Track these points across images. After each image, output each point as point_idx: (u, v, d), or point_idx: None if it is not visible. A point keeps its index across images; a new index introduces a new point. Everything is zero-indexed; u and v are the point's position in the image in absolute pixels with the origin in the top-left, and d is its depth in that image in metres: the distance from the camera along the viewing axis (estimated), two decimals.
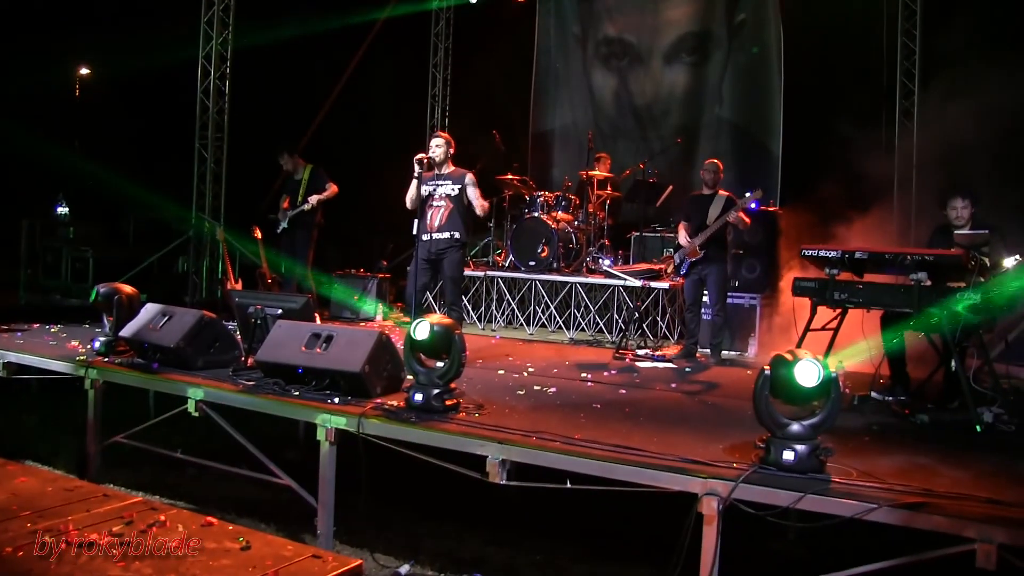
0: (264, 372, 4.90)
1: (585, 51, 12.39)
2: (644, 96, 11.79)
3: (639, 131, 11.75)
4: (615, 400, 5.15)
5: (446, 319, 4.46)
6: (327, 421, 4.23)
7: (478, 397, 4.81)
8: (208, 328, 5.34)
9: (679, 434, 4.17)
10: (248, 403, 4.59)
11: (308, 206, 8.32)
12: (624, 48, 11.98)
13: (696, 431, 4.29)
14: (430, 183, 6.43)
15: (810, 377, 3.38)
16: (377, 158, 11.10)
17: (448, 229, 6.38)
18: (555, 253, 9.17)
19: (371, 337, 4.64)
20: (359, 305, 9.64)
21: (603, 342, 8.43)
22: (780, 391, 3.48)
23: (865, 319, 5.31)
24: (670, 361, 7.06)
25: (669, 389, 5.73)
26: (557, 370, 6.32)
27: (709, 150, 10.55)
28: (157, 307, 5.54)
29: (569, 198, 9.80)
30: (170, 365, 5.18)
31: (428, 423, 4.11)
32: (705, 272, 7.18)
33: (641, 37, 11.84)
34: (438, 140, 6.52)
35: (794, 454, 3.40)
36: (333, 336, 4.71)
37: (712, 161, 7.43)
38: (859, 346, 5.26)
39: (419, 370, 4.39)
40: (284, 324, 5.01)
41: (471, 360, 6.45)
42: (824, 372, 3.38)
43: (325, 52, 11.47)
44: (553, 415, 4.51)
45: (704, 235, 7.07)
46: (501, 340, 8.35)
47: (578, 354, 7.47)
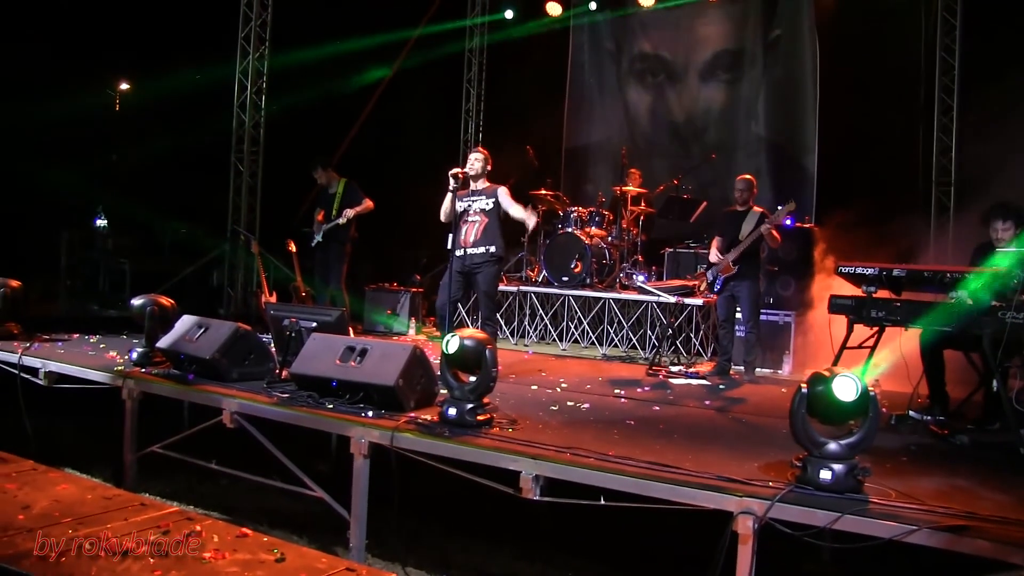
0: (298, 384, 4.95)
1: (619, 67, 12.41)
2: (680, 113, 11.80)
3: (674, 147, 11.74)
4: (649, 417, 5.16)
5: (478, 333, 4.49)
6: (361, 434, 4.25)
7: (511, 412, 4.82)
8: (243, 340, 5.41)
9: (713, 452, 4.16)
10: (282, 415, 4.63)
11: (343, 220, 8.35)
12: (659, 65, 11.99)
13: (731, 449, 4.27)
14: (464, 199, 6.46)
15: (848, 392, 3.35)
16: (411, 172, 11.17)
17: (484, 243, 6.36)
18: (588, 269, 9.16)
19: (405, 351, 4.68)
20: (389, 322, 9.71)
21: (636, 358, 8.41)
22: (817, 409, 3.46)
23: (903, 338, 5.25)
24: (704, 378, 7.05)
25: (703, 406, 5.72)
26: (590, 386, 6.34)
27: (744, 167, 10.49)
28: (193, 319, 5.61)
29: (603, 214, 9.79)
30: (205, 376, 5.25)
31: (461, 437, 4.13)
32: (738, 289, 7.15)
33: (676, 54, 11.86)
34: (477, 155, 6.55)
35: (831, 473, 3.37)
36: (367, 350, 4.75)
37: (744, 177, 7.39)
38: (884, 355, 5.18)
39: (453, 384, 4.41)
40: (318, 337, 5.07)
41: (504, 375, 6.47)
42: (862, 388, 3.35)
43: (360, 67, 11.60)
44: (586, 431, 4.52)
45: (737, 250, 7.04)
46: (534, 355, 8.37)
47: (611, 370, 7.47)
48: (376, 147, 11.81)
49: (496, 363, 4.38)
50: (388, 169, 11.61)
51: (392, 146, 11.96)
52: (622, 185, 9.84)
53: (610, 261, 9.53)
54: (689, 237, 9.80)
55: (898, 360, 5.22)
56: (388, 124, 11.93)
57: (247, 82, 10.69)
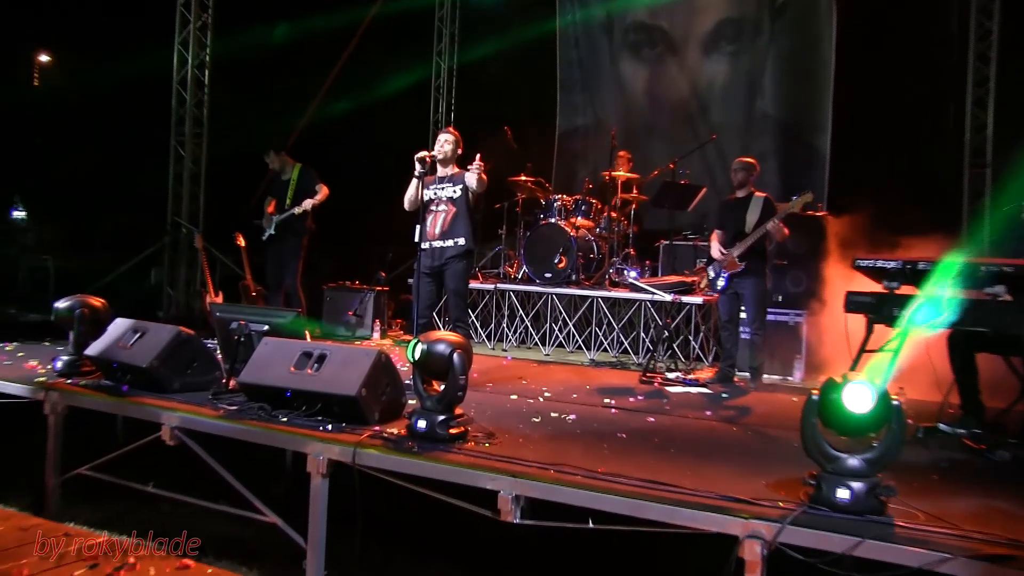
0: (248, 395, 4.94)
1: (611, 39, 12.43)
2: (679, 89, 11.82)
3: (674, 128, 11.76)
4: (642, 429, 5.17)
5: (447, 335, 4.50)
6: (319, 451, 4.23)
7: (488, 425, 4.83)
8: (185, 346, 5.38)
9: (716, 468, 4.16)
10: (230, 430, 4.60)
11: (299, 210, 8.32)
12: (657, 35, 12.01)
13: (736, 465, 4.28)
14: (431, 186, 6.47)
15: (861, 401, 3.32)
16: (375, 157, 11.14)
17: (452, 235, 6.40)
18: (574, 264, 9.18)
19: (368, 357, 4.67)
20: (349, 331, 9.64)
21: (628, 364, 8.44)
22: (832, 420, 3.45)
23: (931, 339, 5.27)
24: (704, 386, 7.08)
25: (703, 417, 5.75)
26: (577, 395, 6.37)
27: (749, 148, 10.53)
28: (128, 323, 5.56)
29: (590, 202, 9.81)
30: (142, 387, 5.21)
31: (432, 453, 4.12)
32: (742, 286, 7.18)
33: (675, 23, 11.89)
34: (447, 136, 6.56)
35: (850, 492, 3.36)
36: (326, 355, 4.74)
37: (742, 160, 7.41)
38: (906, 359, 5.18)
39: (423, 394, 4.42)
40: (271, 342, 5.05)
41: (480, 384, 6.50)
42: (881, 396, 3.33)
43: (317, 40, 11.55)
44: (573, 445, 4.53)
45: (743, 244, 7.06)
46: (513, 361, 8.40)
47: (600, 377, 7.50)
48: (335, 129, 11.76)
49: (466, 369, 4.39)
50: (349, 153, 11.55)
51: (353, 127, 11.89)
52: (611, 169, 9.87)
53: (598, 255, 9.55)
54: (687, 228, 9.83)
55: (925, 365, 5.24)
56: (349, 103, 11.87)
57: (188, 55, 10.61)
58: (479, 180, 6.27)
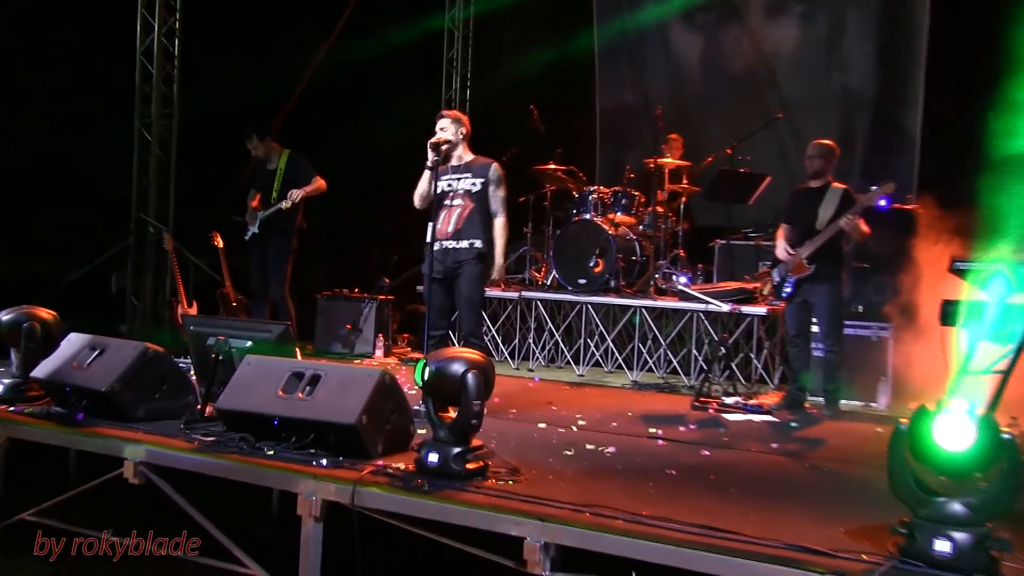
0: (227, 424, 4.96)
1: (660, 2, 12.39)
2: (740, 60, 11.79)
3: (732, 106, 11.71)
4: (696, 464, 5.22)
5: (462, 352, 4.54)
6: (311, 489, 4.25)
7: (512, 459, 4.83)
8: (152, 366, 5.43)
9: (784, 512, 4.17)
10: (205, 465, 4.63)
11: (287, 204, 8.38)
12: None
13: (808, 508, 4.28)
14: (445, 177, 6.51)
15: (962, 434, 3.28)
16: (377, 143, 11.17)
17: (466, 236, 6.47)
18: (613, 267, 9.19)
19: (370, 378, 4.72)
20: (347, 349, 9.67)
21: (678, 387, 8.47)
22: (926, 455, 3.40)
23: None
24: (769, 413, 7.11)
25: (768, 450, 5.80)
26: (616, 424, 6.44)
27: (823, 128, 10.46)
28: (84, 338, 5.61)
29: (632, 195, 9.82)
30: (101, 415, 5.24)
31: (445, 492, 4.14)
32: (814, 293, 7.17)
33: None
34: (445, 121, 6.60)
35: (951, 544, 3.31)
36: (320, 377, 4.79)
37: (820, 143, 7.39)
38: None
39: (435, 422, 4.44)
40: (254, 361, 5.10)
41: (502, 410, 6.57)
42: (985, 427, 3.28)
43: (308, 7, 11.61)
44: (612, 484, 4.57)
45: (813, 244, 7.06)
46: (541, 384, 8.48)
47: (644, 403, 7.56)
48: (330, 110, 11.79)
49: (482, 393, 4.40)
50: (346, 139, 11.59)
51: (351, 108, 11.92)
52: (657, 156, 9.84)
53: (641, 257, 9.57)
54: (747, 224, 9.82)
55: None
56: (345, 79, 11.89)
57: (153, 21, 10.61)
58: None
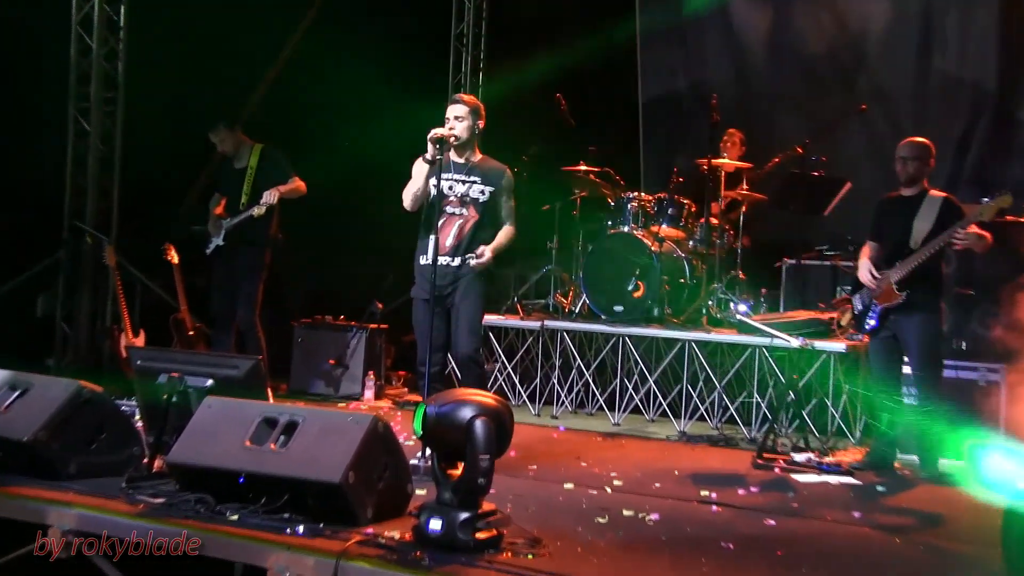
0: (181, 482, 4.98)
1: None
2: (817, 40, 11.79)
3: (805, 96, 11.80)
4: (758, 536, 5.25)
5: (470, 394, 4.64)
6: (285, 564, 4.23)
7: (532, 526, 4.87)
8: (88, 410, 5.50)
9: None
10: (152, 534, 4.54)
11: (259, 210, 8.36)
12: None
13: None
14: (447, 176, 6.61)
15: None
16: (369, 137, 11.22)
17: (470, 252, 6.62)
18: (656, 292, 9.24)
19: (359, 426, 4.76)
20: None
21: (736, 439, 8.50)
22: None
23: None
24: (850, 474, 7.12)
25: (849, 520, 5.78)
26: (660, 485, 6.49)
27: (919, 125, 10.47)
28: (1, 375, 5.69)
29: (680, 203, 9.86)
30: (21, 471, 5.30)
31: (450, 567, 4.16)
32: (905, 326, 7.16)
33: None
34: (458, 108, 6.69)
35: None
36: (298, 423, 4.80)
37: (914, 141, 7.37)
38: None
39: (440, 480, 4.52)
40: (216, 404, 5.13)
41: (520, 466, 6.77)
42: None
43: None
44: (656, 559, 4.62)
45: (905, 266, 7.05)
46: (568, 434, 8.54)
47: (695, 459, 7.64)
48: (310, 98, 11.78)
49: (497, 444, 4.47)
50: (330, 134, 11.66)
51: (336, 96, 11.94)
52: (711, 156, 9.87)
53: (692, 280, 9.61)
54: (823, 241, 9.88)
55: None
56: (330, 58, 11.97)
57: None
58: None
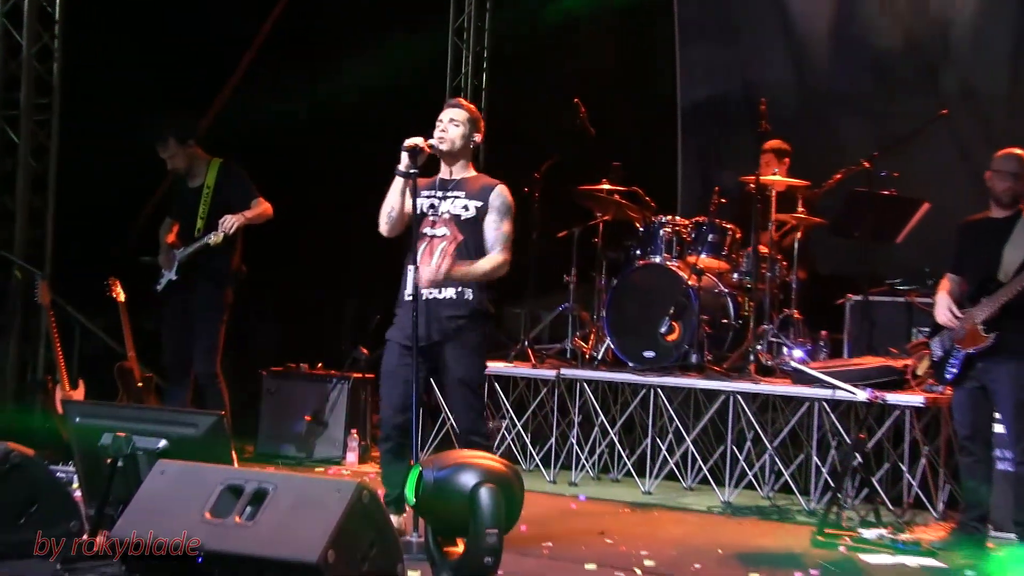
0: (127, 563, 5.03)
1: None
2: (891, 32, 11.92)
3: (877, 97, 11.93)
4: None
5: (473, 457, 4.79)
6: None
7: None
8: (16, 477, 5.53)
9: None
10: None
11: (216, 238, 8.44)
12: None
13: None
14: (426, 194, 6.74)
15: None
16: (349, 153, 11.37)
17: (452, 283, 6.61)
18: (694, 335, 9.30)
19: (340, 496, 4.78)
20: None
21: (792, 511, 8.56)
22: None
23: None
24: (931, 554, 7.11)
25: None
26: (701, 566, 6.58)
27: (1011, 134, 10.59)
28: None
29: (723, 228, 9.92)
30: None
31: None
32: (995, 375, 7.19)
33: None
34: (456, 112, 6.80)
35: None
36: (267, 492, 4.86)
37: (1012, 153, 7.43)
38: None
39: (437, 561, 4.64)
40: (171, 469, 5.21)
41: (532, 542, 6.82)
42: None
43: None
44: None
45: (994, 303, 7.11)
46: (590, 504, 8.67)
47: (742, 535, 7.79)
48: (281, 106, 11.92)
49: (501, 517, 4.67)
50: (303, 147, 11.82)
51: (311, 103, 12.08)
52: (757, 172, 9.96)
53: (737, 320, 9.72)
54: (895, 273, 9.91)
55: None
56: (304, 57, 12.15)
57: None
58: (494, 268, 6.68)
